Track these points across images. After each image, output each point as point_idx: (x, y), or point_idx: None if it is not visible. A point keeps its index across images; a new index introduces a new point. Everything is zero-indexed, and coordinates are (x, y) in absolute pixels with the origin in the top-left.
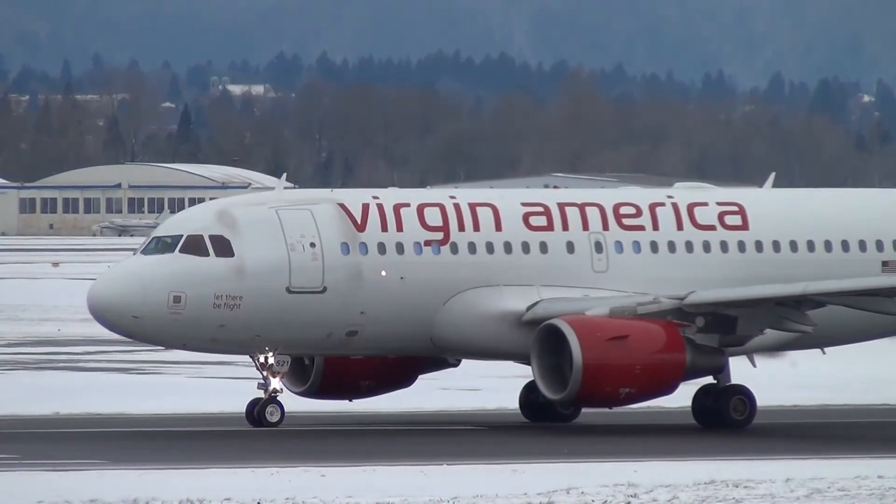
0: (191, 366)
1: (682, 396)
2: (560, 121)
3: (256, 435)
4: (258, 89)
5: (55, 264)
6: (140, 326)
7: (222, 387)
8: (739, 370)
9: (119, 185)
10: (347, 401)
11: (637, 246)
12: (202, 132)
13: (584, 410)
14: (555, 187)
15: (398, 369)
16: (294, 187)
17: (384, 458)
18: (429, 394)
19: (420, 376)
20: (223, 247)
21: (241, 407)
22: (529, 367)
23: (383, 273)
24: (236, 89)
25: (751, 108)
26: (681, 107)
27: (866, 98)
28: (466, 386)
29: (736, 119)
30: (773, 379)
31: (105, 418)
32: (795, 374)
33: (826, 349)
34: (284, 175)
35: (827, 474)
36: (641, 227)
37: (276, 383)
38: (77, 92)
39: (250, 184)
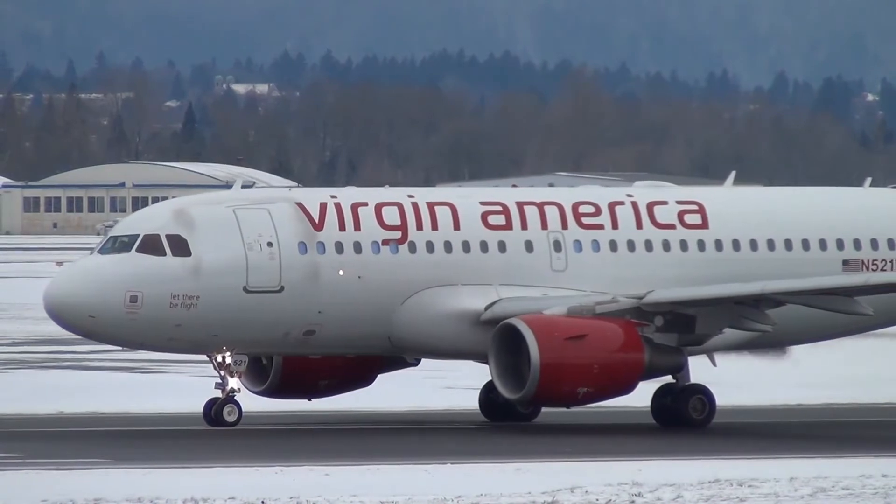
0: (194, 365)
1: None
2: (564, 119)
3: (260, 434)
4: (262, 88)
5: (59, 263)
6: (96, 326)
7: None
8: (742, 370)
9: (123, 184)
10: (306, 400)
11: (596, 245)
12: (206, 131)
13: (543, 410)
14: (513, 185)
15: (357, 368)
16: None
17: (388, 457)
18: (435, 392)
19: (427, 377)
20: (180, 246)
21: (246, 406)
22: (488, 367)
23: (341, 272)
24: (240, 88)
25: (754, 107)
26: (684, 105)
27: (870, 97)
28: (471, 385)
29: (740, 118)
30: (777, 377)
31: (109, 417)
32: (799, 373)
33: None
34: (240, 180)
35: (831, 473)
36: (601, 226)
37: (233, 383)
38: (81, 91)
39: (254, 182)
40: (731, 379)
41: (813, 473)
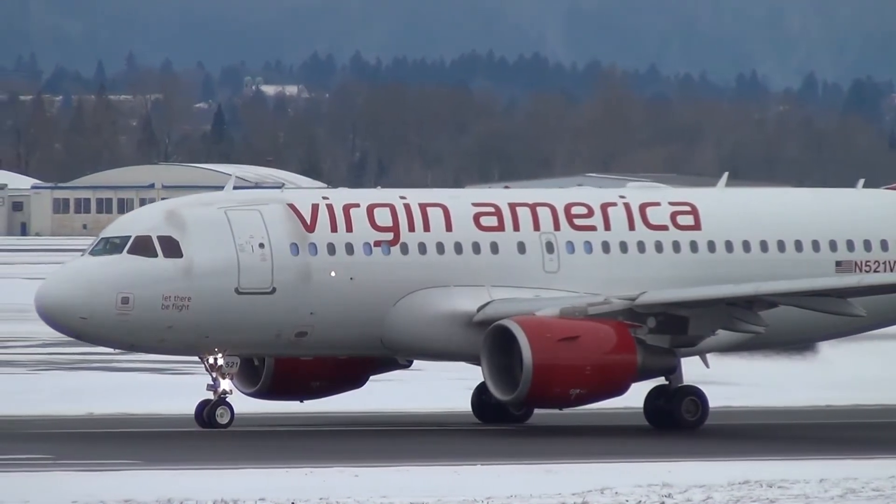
0: None
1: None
2: (593, 121)
3: (290, 435)
4: (292, 89)
5: None
6: (87, 327)
7: None
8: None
9: (152, 186)
10: (298, 402)
11: (588, 246)
12: (236, 132)
13: (535, 411)
14: (506, 186)
15: (349, 370)
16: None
17: (417, 458)
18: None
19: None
20: (171, 247)
21: (272, 407)
22: (480, 368)
23: (333, 274)
24: (270, 89)
25: (784, 108)
26: (714, 107)
27: None
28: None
29: (769, 119)
30: (805, 379)
31: (139, 418)
32: (827, 374)
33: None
34: (232, 181)
35: (861, 474)
36: (593, 228)
37: (225, 384)
38: (111, 92)
39: (283, 184)
40: (759, 380)
41: (843, 474)
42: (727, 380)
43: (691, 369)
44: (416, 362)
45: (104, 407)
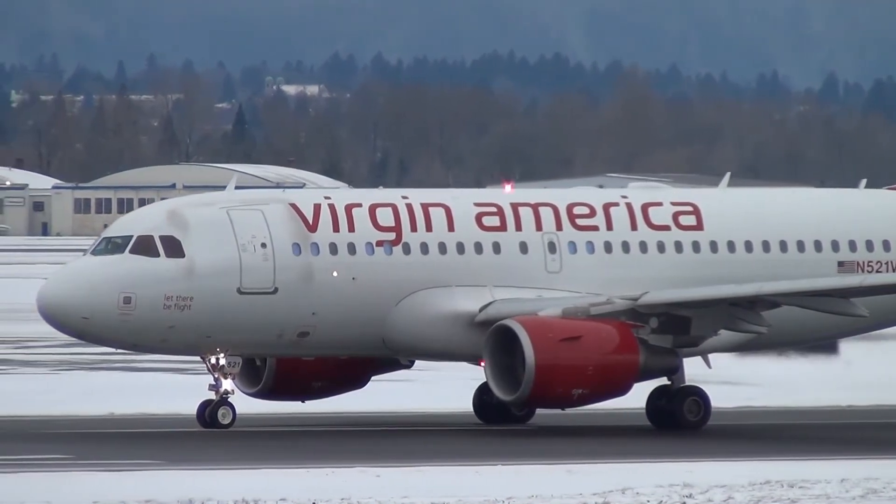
0: None
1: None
2: (614, 121)
3: (311, 435)
4: (313, 89)
5: None
6: (89, 327)
7: None
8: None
9: (173, 186)
10: (300, 402)
11: (591, 246)
12: (257, 132)
13: (537, 411)
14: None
15: (351, 370)
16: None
17: (438, 459)
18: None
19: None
20: (174, 247)
21: (295, 408)
22: (482, 369)
23: (335, 273)
24: (291, 90)
25: (805, 108)
26: (735, 107)
27: None
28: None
29: (790, 119)
30: (827, 379)
31: (160, 419)
32: (848, 374)
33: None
34: (234, 180)
35: (882, 474)
36: (595, 228)
37: (227, 384)
38: (132, 92)
39: (304, 184)
40: (781, 380)
41: (864, 474)
42: (748, 380)
43: (709, 371)
44: (415, 363)
45: (125, 407)
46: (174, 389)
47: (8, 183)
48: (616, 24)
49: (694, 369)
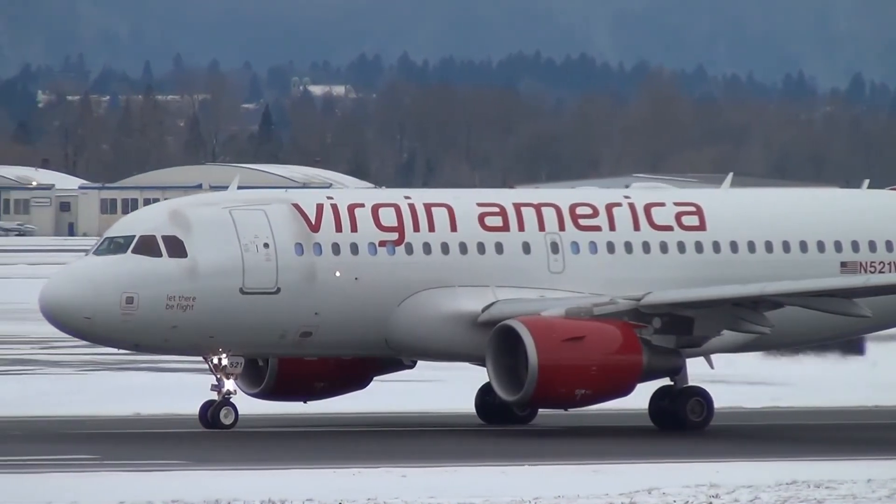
0: None
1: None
2: (641, 121)
3: (338, 435)
4: (339, 90)
5: None
6: (92, 327)
7: None
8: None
9: (200, 186)
10: (302, 402)
11: (593, 246)
12: (283, 133)
13: (540, 412)
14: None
15: (353, 370)
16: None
17: (465, 459)
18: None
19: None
20: (176, 247)
21: (321, 408)
22: (485, 369)
23: (337, 274)
24: (317, 90)
25: (831, 109)
26: (762, 107)
27: None
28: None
29: (817, 119)
30: (853, 379)
31: (186, 419)
32: (875, 375)
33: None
34: (237, 180)
35: None
36: (598, 228)
37: (229, 385)
38: (158, 92)
39: (331, 184)
40: (807, 380)
41: (890, 475)
42: (774, 380)
43: (735, 372)
44: (416, 363)
45: (151, 407)
46: (200, 390)
47: (34, 183)
48: (642, 24)
49: (716, 370)
